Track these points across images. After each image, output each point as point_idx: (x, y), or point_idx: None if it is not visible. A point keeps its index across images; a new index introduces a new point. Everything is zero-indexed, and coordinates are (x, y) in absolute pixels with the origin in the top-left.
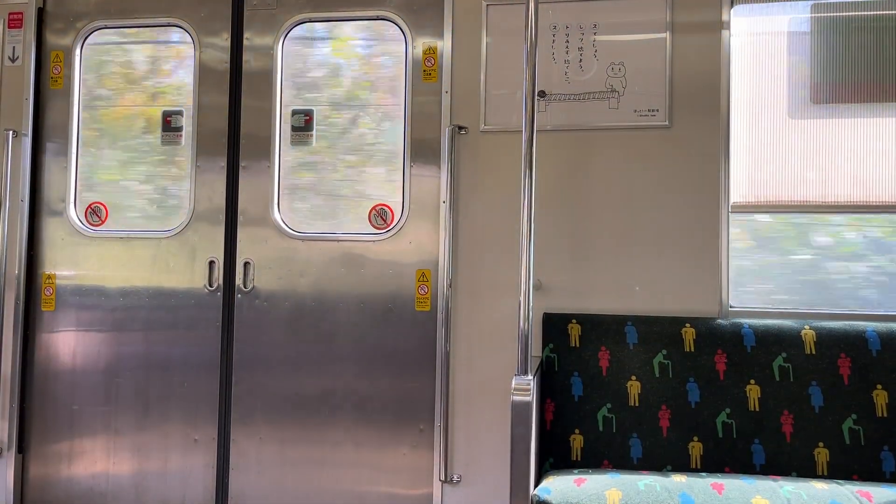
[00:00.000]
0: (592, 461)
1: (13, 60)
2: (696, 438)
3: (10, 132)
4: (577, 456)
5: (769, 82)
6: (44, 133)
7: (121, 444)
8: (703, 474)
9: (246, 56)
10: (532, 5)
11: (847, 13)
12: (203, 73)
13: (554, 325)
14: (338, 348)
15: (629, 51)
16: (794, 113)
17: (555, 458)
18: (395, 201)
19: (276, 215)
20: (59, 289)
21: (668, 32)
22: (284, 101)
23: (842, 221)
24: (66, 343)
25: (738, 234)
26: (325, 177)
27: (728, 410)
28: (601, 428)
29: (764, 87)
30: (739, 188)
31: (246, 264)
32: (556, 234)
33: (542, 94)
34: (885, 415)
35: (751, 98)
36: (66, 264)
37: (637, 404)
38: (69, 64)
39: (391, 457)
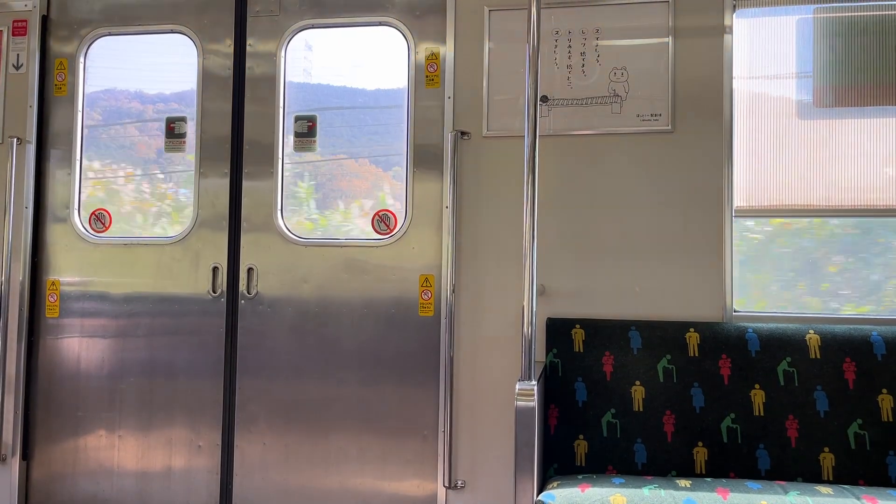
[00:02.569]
0: (597, 467)
1: (17, 68)
2: (700, 444)
3: (15, 139)
4: (581, 461)
5: (772, 86)
6: (48, 140)
7: (125, 450)
8: (708, 480)
9: (249, 62)
10: (534, 10)
11: (850, 14)
12: (206, 80)
13: (558, 330)
14: (341, 354)
15: (632, 55)
16: (797, 116)
17: (559, 464)
18: (397, 206)
19: (280, 221)
20: (63, 295)
21: (670, 37)
22: (288, 107)
23: None
24: (71, 349)
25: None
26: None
27: (733, 415)
28: (605, 433)
29: (767, 91)
30: (742, 192)
31: (249, 270)
32: (559, 239)
33: (545, 99)
34: (891, 419)
35: (753, 102)
36: (70, 271)
37: (641, 409)
38: (73, 71)
39: (395, 462)
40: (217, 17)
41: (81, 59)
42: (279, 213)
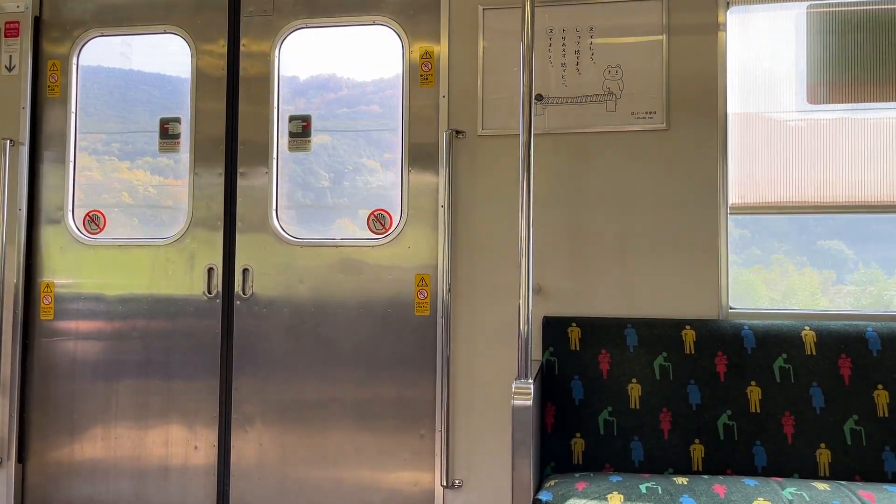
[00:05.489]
0: (594, 465)
1: (10, 69)
2: (697, 441)
3: (8, 141)
4: (578, 460)
5: (765, 83)
6: (41, 142)
7: (121, 452)
8: (705, 476)
9: (243, 63)
10: (528, 9)
11: (843, 9)
12: (200, 80)
13: (554, 328)
14: (337, 354)
15: (626, 53)
16: (790, 113)
17: (556, 462)
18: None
19: (275, 222)
20: (57, 297)
21: (664, 35)
22: (282, 107)
23: None
24: (66, 351)
25: None
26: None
27: (729, 412)
28: (602, 431)
29: (760, 88)
30: (737, 189)
31: (245, 271)
32: (554, 237)
33: (540, 97)
34: (887, 415)
35: (747, 99)
36: (65, 272)
37: (638, 407)
38: (66, 72)
39: (392, 462)
40: (210, 17)
41: (74, 61)
42: (274, 213)
